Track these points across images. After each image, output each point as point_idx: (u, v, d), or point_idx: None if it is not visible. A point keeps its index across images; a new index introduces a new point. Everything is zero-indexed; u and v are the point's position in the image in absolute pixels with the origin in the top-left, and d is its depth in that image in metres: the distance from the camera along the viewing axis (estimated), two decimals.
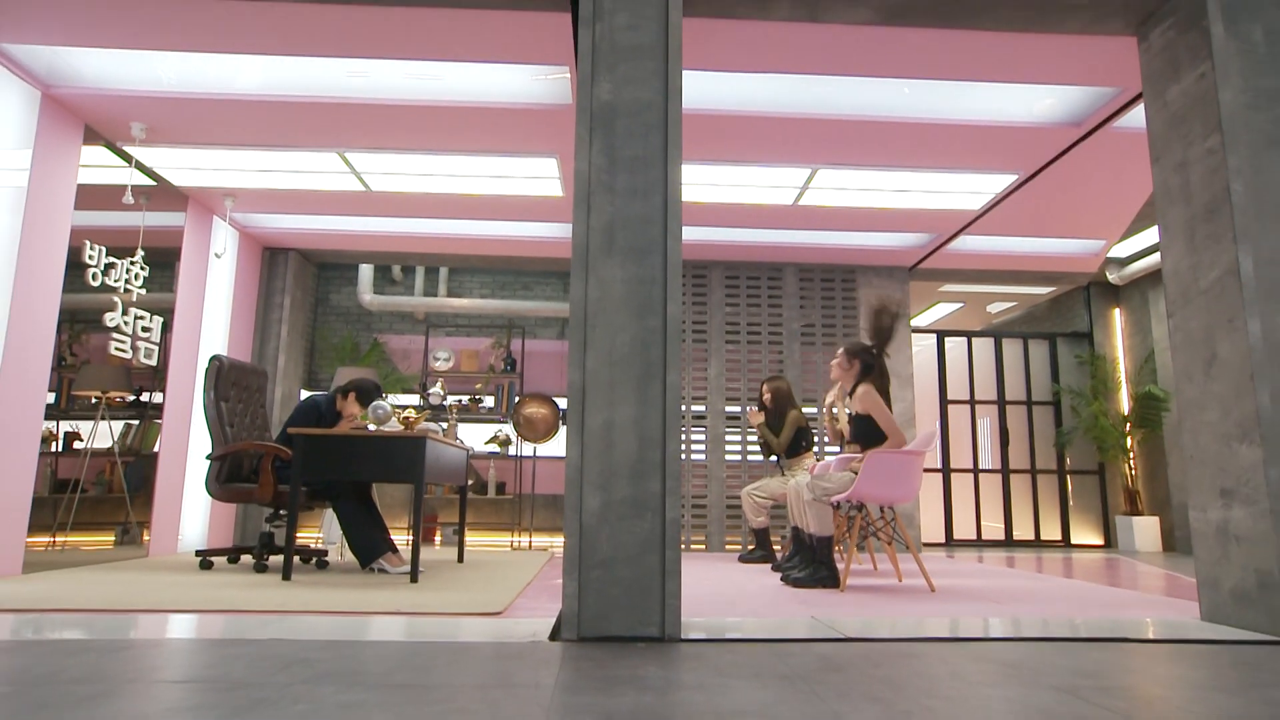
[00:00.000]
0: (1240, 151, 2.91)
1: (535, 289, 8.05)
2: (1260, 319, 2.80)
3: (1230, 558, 2.86)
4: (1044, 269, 7.22)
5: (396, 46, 3.96)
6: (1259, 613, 2.74)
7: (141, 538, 6.64)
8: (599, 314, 2.71)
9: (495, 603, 3.30)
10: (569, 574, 2.57)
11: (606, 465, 2.63)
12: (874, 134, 4.72)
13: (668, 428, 2.65)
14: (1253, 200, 2.89)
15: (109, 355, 5.38)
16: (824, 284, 7.23)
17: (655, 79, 2.87)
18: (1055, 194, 5.53)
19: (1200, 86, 3.05)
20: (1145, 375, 8.00)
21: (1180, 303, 3.14)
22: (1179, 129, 3.16)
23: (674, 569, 2.58)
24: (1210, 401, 2.96)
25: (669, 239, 2.75)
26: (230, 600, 3.26)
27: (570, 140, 4.91)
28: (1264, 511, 2.71)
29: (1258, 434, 2.74)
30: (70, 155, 4.59)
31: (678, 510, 2.63)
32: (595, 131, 2.82)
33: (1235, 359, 2.86)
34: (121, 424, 6.85)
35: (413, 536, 4.11)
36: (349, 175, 5.45)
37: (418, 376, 7.63)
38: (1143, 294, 8.15)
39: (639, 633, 2.53)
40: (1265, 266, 2.84)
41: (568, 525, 2.61)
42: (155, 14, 3.67)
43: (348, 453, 4.19)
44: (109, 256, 4.83)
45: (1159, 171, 3.28)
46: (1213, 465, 2.94)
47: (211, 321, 6.12)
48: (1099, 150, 4.73)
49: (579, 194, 2.78)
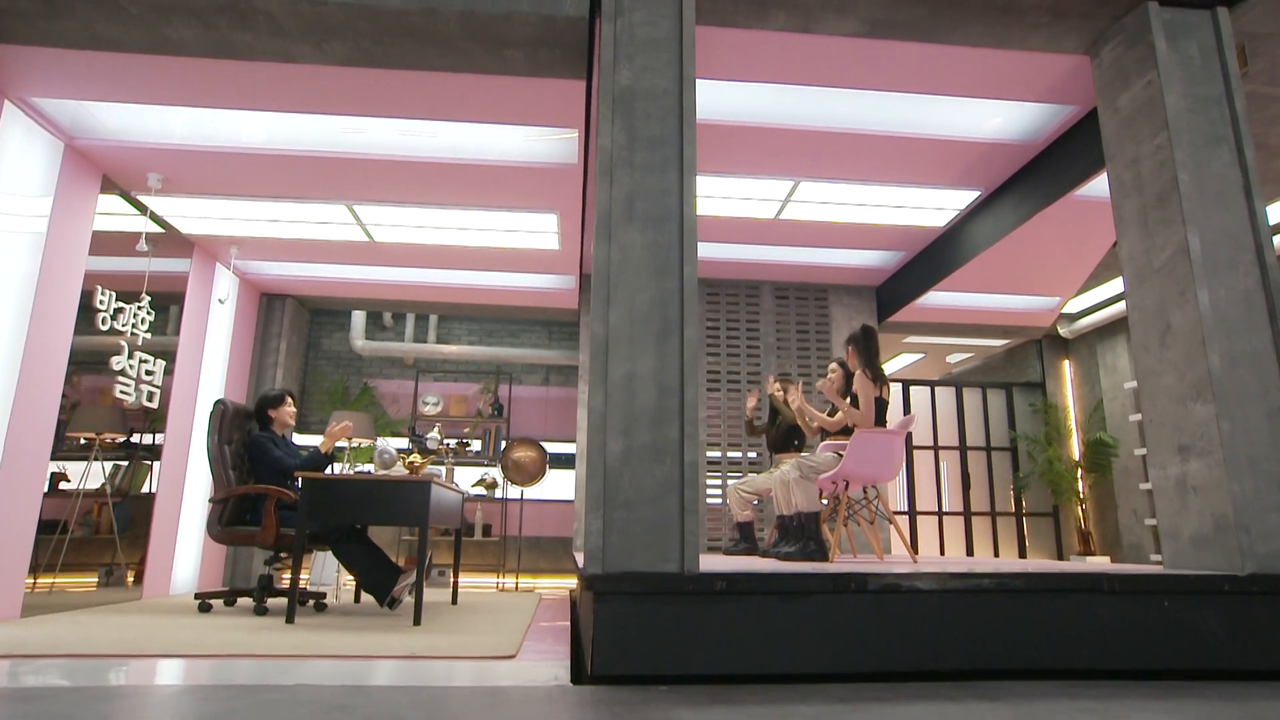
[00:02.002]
0: (1185, 147, 3.35)
1: (522, 336, 8.29)
2: (1208, 290, 3.19)
3: (1189, 507, 3.19)
4: (1002, 323, 7.70)
5: (413, 108, 4.22)
6: (1216, 553, 3.05)
7: (126, 579, 6.60)
8: (620, 275, 2.96)
9: (505, 645, 3.40)
10: (594, 513, 2.73)
11: (628, 413, 2.83)
12: (850, 146, 4.82)
13: (685, 378, 2.87)
14: (1197, 189, 3.31)
15: (102, 396, 5.47)
16: (798, 301, 7.54)
17: (670, 69, 3.21)
18: (1017, 254, 5.98)
19: (1148, 93, 3.50)
20: (1095, 423, 8.51)
21: (1136, 283, 3.52)
22: (1130, 130, 3.61)
23: (692, 509, 2.77)
24: (1166, 368, 3.33)
25: (685, 209, 3.05)
26: (243, 644, 3.28)
27: (571, 197, 5.21)
28: (1218, 461, 3.04)
29: (1210, 392, 3.09)
30: (88, 204, 4.74)
31: (695, 454, 2.82)
32: (617, 113, 3.14)
33: (1187, 328, 3.23)
34: (110, 465, 6.86)
35: (417, 579, 4.24)
36: (352, 226, 5.67)
37: (407, 420, 7.76)
38: (1090, 347, 8.70)
39: (659, 568, 2.70)
40: (1210, 245, 3.25)
41: (591, 468, 2.79)
42: (174, 73, 3.86)
43: (355, 496, 4.30)
44: (118, 301, 4.95)
45: (1113, 169, 3.72)
46: (1170, 425, 3.29)
47: (210, 365, 6.22)
48: (1061, 215, 5.16)
49: (602, 167, 3.07)
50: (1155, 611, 2.77)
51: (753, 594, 2.66)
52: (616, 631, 2.55)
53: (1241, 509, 2.97)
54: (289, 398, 5.07)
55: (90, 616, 4.20)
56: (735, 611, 2.63)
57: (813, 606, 2.67)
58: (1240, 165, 3.38)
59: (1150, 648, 2.76)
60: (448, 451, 5.93)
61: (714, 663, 2.59)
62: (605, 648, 2.54)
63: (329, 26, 3.39)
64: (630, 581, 2.62)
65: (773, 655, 2.62)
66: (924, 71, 4.06)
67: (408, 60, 3.64)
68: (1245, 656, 2.77)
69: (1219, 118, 3.44)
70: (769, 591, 2.67)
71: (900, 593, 2.72)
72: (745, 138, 4.73)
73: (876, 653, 2.66)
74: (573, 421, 8.09)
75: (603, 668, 2.53)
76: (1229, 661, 2.75)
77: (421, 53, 3.58)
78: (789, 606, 2.66)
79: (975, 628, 2.72)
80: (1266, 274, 3.25)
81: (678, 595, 2.62)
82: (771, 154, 4.92)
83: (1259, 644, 2.79)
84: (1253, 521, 2.97)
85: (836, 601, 2.69)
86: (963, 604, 2.73)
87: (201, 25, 3.37)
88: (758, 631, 2.62)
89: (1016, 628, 2.74)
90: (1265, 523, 2.98)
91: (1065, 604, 2.77)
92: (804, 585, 2.71)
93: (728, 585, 2.65)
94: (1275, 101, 4.46)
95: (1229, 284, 3.23)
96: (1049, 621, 2.75)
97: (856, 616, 2.69)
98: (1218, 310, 3.18)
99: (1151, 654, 2.75)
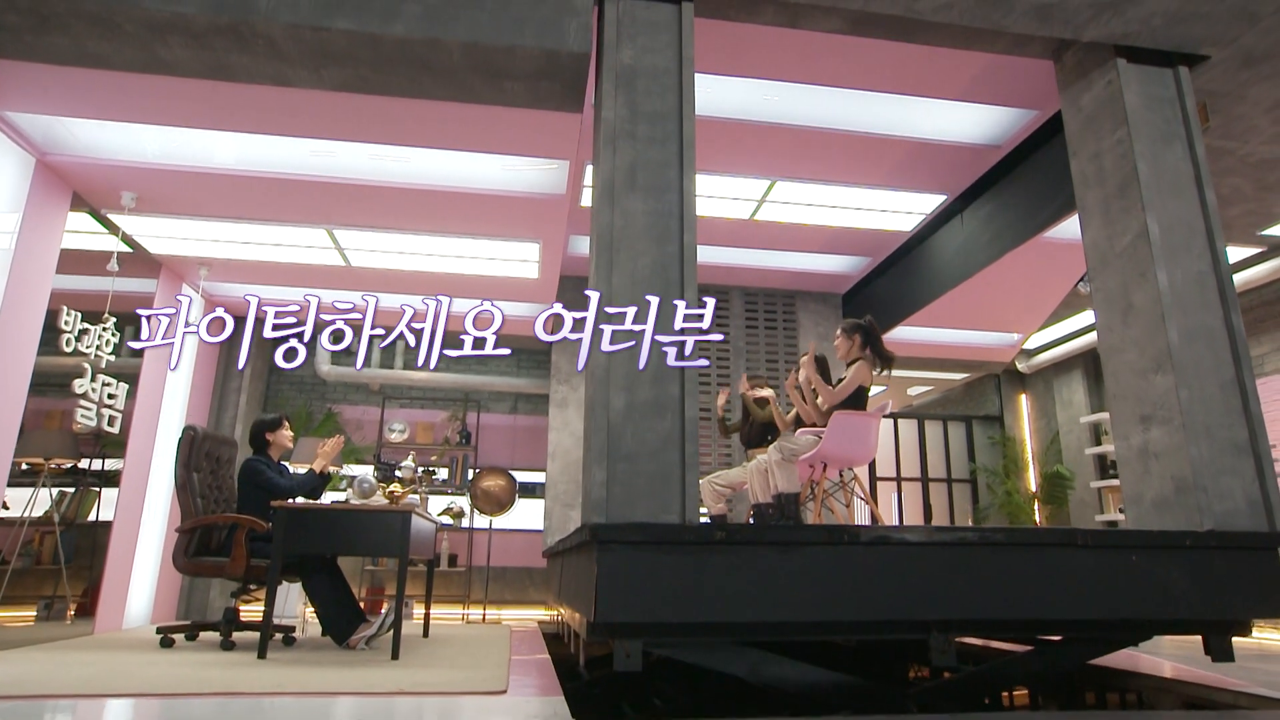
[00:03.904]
0: (1143, 140, 3.60)
1: (490, 364, 8.21)
2: (1167, 271, 3.41)
3: (1151, 472, 3.38)
4: (965, 357, 7.92)
5: (399, 134, 4.21)
6: (1177, 514, 3.22)
7: (67, 613, 6.27)
8: (623, 239, 3.08)
9: (492, 680, 3.31)
10: (598, 464, 2.80)
11: (630, 370, 2.90)
12: (827, 145, 4.81)
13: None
14: (1155, 179, 3.55)
15: (48, 420, 5.26)
16: (767, 307, 7.61)
17: (670, 49, 3.36)
18: (984, 292, 6.17)
19: (1109, 91, 3.76)
20: (1051, 456, 8.77)
21: (1099, 267, 3.75)
22: (1092, 126, 3.85)
23: (693, 463, 2.86)
24: (1128, 345, 3.55)
25: (684, 180, 3.19)
26: (222, 681, 3.14)
27: (555, 227, 5.22)
28: (1178, 428, 3.24)
29: (1169, 364, 3.30)
30: (57, 221, 4.59)
31: (695, 410, 2.91)
32: (619, 88, 3.27)
33: (1148, 305, 3.44)
34: (56, 492, 6.54)
35: (396, 612, 4.13)
36: (329, 250, 5.59)
37: (372, 448, 7.60)
38: (1047, 382, 8.99)
39: (661, 519, 2.77)
40: (1168, 230, 3.48)
41: (595, 422, 2.87)
42: (154, 90, 3.79)
43: (333, 526, 4.19)
44: (83, 322, 4.77)
45: (1076, 163, 3.95)
46: (1132, 397, 3.50)
47: (173, 389, 6.02)
48: (1029, 255, 5.35)
49: (605, 138, 3.19)
50: (1124, 565, 2.93)
51: (751, 544, 2.75)
52: (619, 580, 2.60)
53: (1200, 471, 3.17)
54: (286, 422, 4.93)
55: (43, 654, 3.97)
56: (734, 561, 2.69)
57: (808, 557, 2.76)
58: (1192, 159, 3.65)
59: (1119, 599, 2.90)
60: (419, 480, 5.83)
61: (713, 611, 2.65)
62: (608, 595, 2.58)
63: (330, 53, 3.37)
64: (633, 531, 2.69)
65: (769, 604, 2.69)
66: (900, 70, 4.15)
67: (405, 88, 3.64)
68: (1205, 607, 2.94)
69: (1172, 116, 3.72)
70: (767, 542, 2.77)
71: (891, 544, 2.85)
72: (726, 133, 4.71)
73: (868, 602, 2.76)
74: (541, 450, 8.02)
75: (606, 615, 2.57)
76: (1191, 612, 2.93)
77: (420, 81, 3.58)
78: (786, 556, 2.74)
79: (959, 579, 2.85)
80: (1217, 258, 3.49)
81: (679, 545, 2.69)
82: (750, 151, 4.91)
83: (1217, 596, 2.97)
84: (1209, 482, 3.17)
85: (830, 552, 2.79)
86: (948, 555, 2.87)
87: (197, 46, 3.31)
88: (755, 581, 2.69)
89: (997, 579, 2.86)
90: (1220, 484, 3.19)
91: (1042, 557, 2.92)
92: (800, 536, 2.86)
93: (727, 535, 2.74)
94: (1228, 154, 4.74)
95: (1185, 266, 3.46)
96: (1027, 574, 2.88)
97: (849, 566, 2.78)
98: (1175, 289, 3.40)
99: (1121, 605, 2.90)
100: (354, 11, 3.25)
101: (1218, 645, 3.06)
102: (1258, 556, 3.05)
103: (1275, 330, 6.55)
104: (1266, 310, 6.54)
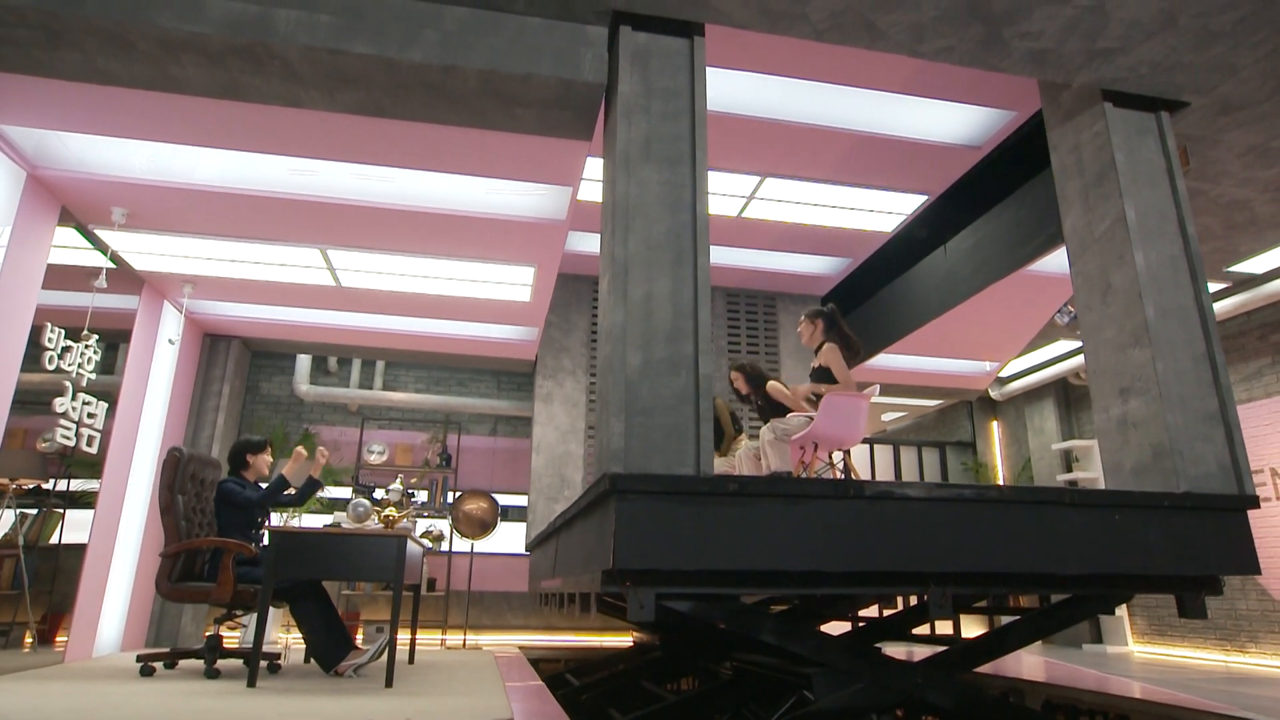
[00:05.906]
0: (1119, 132, 3.87)
1: (471, 385, 8.16)
2: (1143, 253, 3.66)
3: (1129, 441, 3.60)
4: (940, 385, 8.10)
5: (403, 157, 4.20)
6: (1155, 479, 3.43)
7: (24, 640, 6.01)
8: (639, 207, 3.20)
9: (496, 708, 3.31)
10: (616, 417, 2.91)
11: (646, 329, 3.04)
12: (815, 141, 4.84)
13: (699, 301, 3.12)
14: (1130, 168, 3.81)
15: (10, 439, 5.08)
16: (748, 308, 7.70)
17: (683, 31, 3.48)
18: (964, 322, 6.34)
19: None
20: (1023, 481, 8.97)
21: (1079, 252, 4.01)
22: (1071, 121, 4.11)
23: (706, 418, 2.98)
24: (1107, 323, 3.78)
25: (697, 153, 3.33)
26: (219, 712, 3.06)
27: (552, 251, 5.24)
28: (1154, 398, 3.47)
29: (1147, 338, 3.53)
30: (45, 235, 4.47)
31: (710, 368, 3.04)
32: (635, 66, 3.40)
33: (1126, 285, 3.67)
34: (18, 514, 6.30)
35: (390, 640, 4.06)
36: (320, 270, 5.53)
37: (350, 469, 7.47)
38: (1018, 409, 9.22)
39: (676, 471, 2.89)
40: (1143, 216, 3.74)
41: (613, 379, 2.98)
42: (155, 106, 3.75)
43: (326, 551, 4.12)
44: (66, 339, 4.65)
45: (1057, 157, 4.20)
46: (1111, 372, 3.74)
47: (151, 408, 5.87)
48: (1010, 287, 5.52)
49: (622, 111, 3.31)
50: (1107, 523, 3.12)
51: (762, 495, 2.87)
52: (637, 528, 2.71)
53: (1175, 437, 3.40)
54: (269, 447, 4.87)
55: (16, 683, 3.81)
56: (746, 513, 2.81)
57: (815, 509, 2.89)
58: (1163, 151, 3.93)
59: (1103, 554, 3.08)
60: (407, 503, 5.75)
61: (725, 558, 2.76)
62: (626, 543, 2.67)
63: (345, 76, 3.37)
64: (650, 482, 2.79)
65: (779, 553, 2.81)
66: (881, 68, 4.21)
67: (417, 113, 3.65)
68: (1179, 563, 3.15)
69: (1145, 113, 4.00)
70: (777, 494, 2.91)
71: (893, 499, 2.98)
72: (716, 124, 4.58)
73: (870, 553, 2.90)
74: (521, 472, 7.97)
75: (624, 561, 2.66)
76: (1168, 568, 3.14)
77: (433, 107, 3.60)
78: (794, 509, 2.86)
79: (957, 534, 2.99)
80: (1188, 242, 3.76)
81: (693, 495, 2.80)
82: (740, 146, 4.92)
83: (1192, 553, 3.18)
84: (1185, 448, 3.40)
85: (836, 505, 2.92)
86: (947, 511, 3.02)
87: (211, 65, 3.29)
88: (766, 531, 2.81)
89: (992, 534, 3.02)
90: (1194, 450, 3.42)
91: (1033, 514, 3.10)
92: (808, 489, 3.02)
93: (740, 487, 2.86)
94: (1200, 195, 4.96)
95: (1159, 249, 3.72)
96: (1020, 530, 3.05)
97: (854, 519, 2.91)
98: (1151, 270, 3.69)
99: (1105, 560, 3.08)
100: (372, 36, 3.26)
101: (1191, 602, 3.29)
102: (1229, 517, 3.27)
103: (1240, 362, 6.82)
104: (1230, 344, 6.82)
